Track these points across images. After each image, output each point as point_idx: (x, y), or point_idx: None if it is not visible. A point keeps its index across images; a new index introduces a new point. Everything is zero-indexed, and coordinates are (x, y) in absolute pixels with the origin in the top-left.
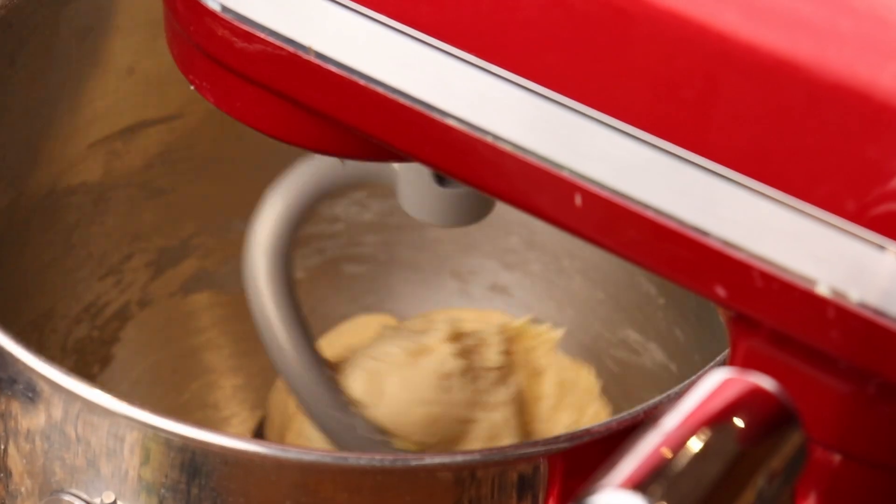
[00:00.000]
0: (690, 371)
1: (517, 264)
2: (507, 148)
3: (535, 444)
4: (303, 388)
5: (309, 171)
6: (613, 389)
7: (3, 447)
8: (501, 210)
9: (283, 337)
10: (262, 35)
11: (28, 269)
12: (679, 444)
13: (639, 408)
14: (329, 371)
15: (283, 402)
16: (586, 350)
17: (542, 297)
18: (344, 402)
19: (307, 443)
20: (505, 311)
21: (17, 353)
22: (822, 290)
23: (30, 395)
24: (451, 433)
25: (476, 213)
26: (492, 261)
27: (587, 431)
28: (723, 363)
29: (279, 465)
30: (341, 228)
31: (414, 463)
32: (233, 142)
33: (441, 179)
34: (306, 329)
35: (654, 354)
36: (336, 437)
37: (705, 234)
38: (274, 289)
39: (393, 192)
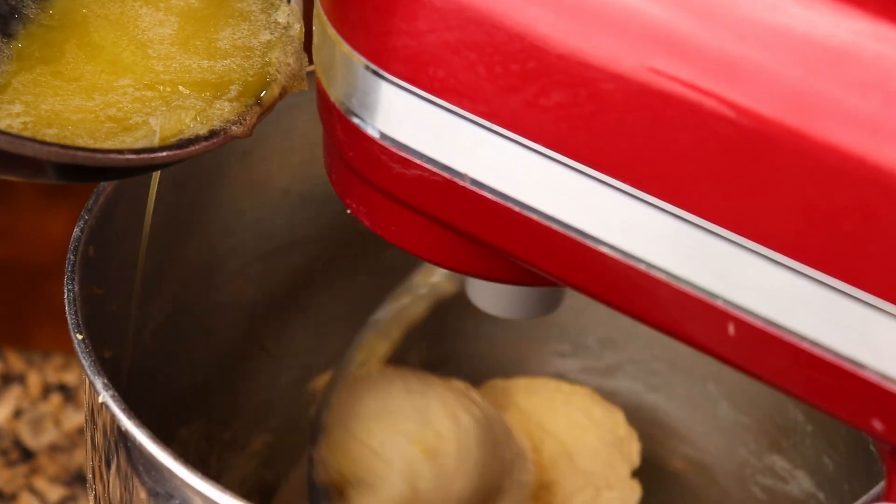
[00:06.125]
0: (840, 500)
1: (661, 387)
2: (661, 276)
3: None
4: None
5: None
6: None
7: None
8: (646, 333)
9: None
10: (419, 161)
11: (181, 382)
12: None
13: None
14: None
15: None
16: (731, 476)
17: (686, 421)
18: None
19: None
20: (647, 433)
21: (174, 469)
22: None
23: None
24: None
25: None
26: (636, 383)
27: None
28: (877, 496)
29: None
30: (485, 347)
31: None
32: (376, 261)
33: None
34: None
35: (802, 482)
36: None
37: (862, 366)
38: None
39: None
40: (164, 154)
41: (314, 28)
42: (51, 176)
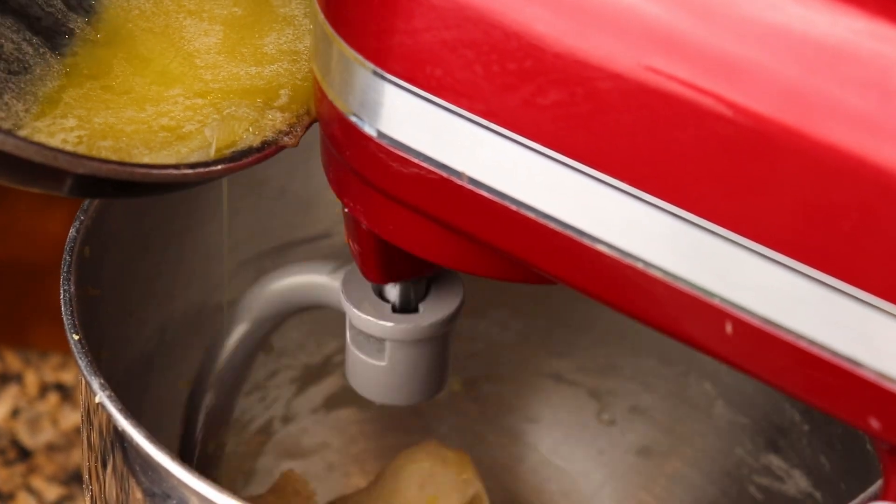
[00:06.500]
0: (836, 500)
1: (658, 386)
2: (659, 275)
3: None
4: None
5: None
6: None
7: None
8: (643, 332)
9: None
10: (416, 160)
11: (177, 382)
12: None
13: None
14: None
15: None
16: (728, 475)
17: (682, 420)
18: None
19: None
20: (644, 433)
21: (171, 469)
22: None
23: None
24: None
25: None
26: (632, 382)
27: None
28: (874, 495)
29: None
30: (481, 348)
31: None
32: None
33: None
34: None
35: (799, 482)
36: None
37: (860, 365)
38: None
39: (533, 313)
40: (220, 168)
41: (311, 26)
42: (107, 192)
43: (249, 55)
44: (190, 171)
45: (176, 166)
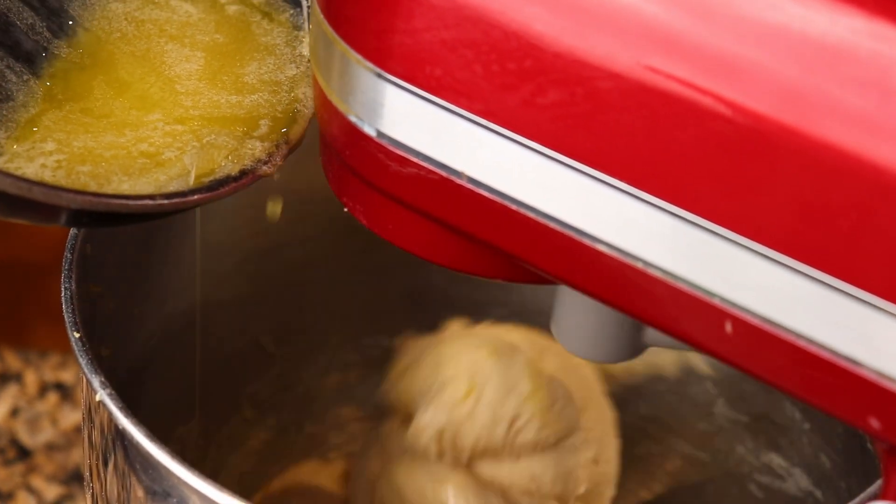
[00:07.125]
0: (836, 499)
1: (658, 384)
2: (659, 274)
3: None
4: None
5: None
6: None
7: None
8: None
9: None
10: (416, 160)
11: (178, 380)
12: None
13: None
14: None
15: None
16: (729, 474)
17: (683, 419)
18: None
19: None
20: (645, 432)
21: (172, 468)
22: None
23: None
24: None
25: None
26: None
27: None
28: (874, 494)
29: None
30: None
31: None
32: (373, 259)
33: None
34: None
35: (799, 480)
36: None
37: (859, 364)
38: None
39: (533, 312)
40: (196, 197)
41: (311, 26)
42: (83, 222)
43: (230, 83)
44: (166, 201)
45: (152, 197)
